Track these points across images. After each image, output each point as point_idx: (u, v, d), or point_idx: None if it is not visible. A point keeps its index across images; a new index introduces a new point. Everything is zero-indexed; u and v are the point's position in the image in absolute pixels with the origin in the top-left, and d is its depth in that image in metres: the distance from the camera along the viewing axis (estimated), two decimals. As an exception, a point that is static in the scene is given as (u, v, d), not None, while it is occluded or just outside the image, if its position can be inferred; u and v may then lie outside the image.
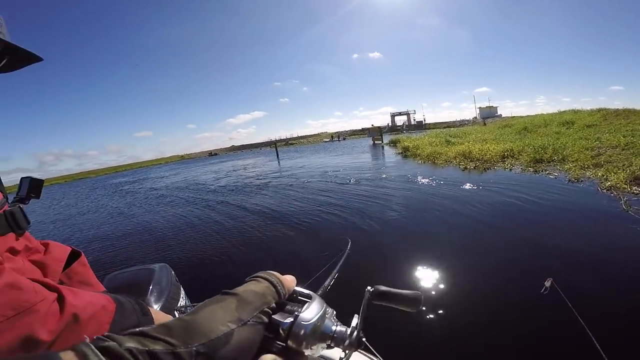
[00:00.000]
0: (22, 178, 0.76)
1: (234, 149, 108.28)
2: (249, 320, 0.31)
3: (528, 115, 28.80)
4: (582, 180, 5.84)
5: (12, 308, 0.43)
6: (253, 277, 0.37)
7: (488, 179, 6.99)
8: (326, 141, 55.96)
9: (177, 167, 37.67)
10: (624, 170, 5.59)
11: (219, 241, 4.97)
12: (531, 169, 7.37)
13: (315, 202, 6.69)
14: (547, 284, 2.57)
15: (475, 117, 54.02)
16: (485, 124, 30.71)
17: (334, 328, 0.38)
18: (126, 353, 0.23)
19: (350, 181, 8.88)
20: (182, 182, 16.38)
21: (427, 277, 2.99)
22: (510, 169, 7.80)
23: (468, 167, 8.79)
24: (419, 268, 3.17)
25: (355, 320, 0.41)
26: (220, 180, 14.32)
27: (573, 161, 7.24)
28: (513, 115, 39.82)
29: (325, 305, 0.39)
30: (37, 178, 0.76)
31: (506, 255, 3.33)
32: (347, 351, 0.39)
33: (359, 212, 5.52)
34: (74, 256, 0.74)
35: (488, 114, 51.36)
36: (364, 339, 0.40)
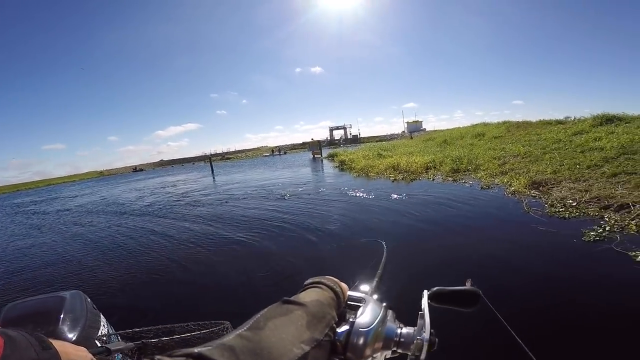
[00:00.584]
0: None
1: (163, 164, 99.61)
2: (322, 340, 0.26)
3: (448, 129, 32.13)
4: (491, 187, 6.51)
5: None
6: (315, 283, 0.33)
7: (414, 189, 7.43)
8: (266, 155, 55.30)
9: (95, 185, 33.33)
10: (523, 176, 6.39)
11: (142, 266, 4.43)
12: (450, 179, 8.04)
13: (249, 219, 6.34)
14: (468, 284, 2.70)
15: (404, 131, 58.59)
16: (412, 138, 33.35)
17: (398, 331, 0.33)
18: None
19: (287, 196, 8.68)
20: (100, 202, 14.47)
21: (354, 281, 2.92)
22: (433, 179, 8.43)
23: (397, 178, 9.28)
24: (349, 271, 3.09)
25: (421, 320, 0.36)
26: (144, 199, 12.94)
27: (484, 170, 8.10)
28: (435, 129, 44.19)
29: (383, 306, 0.34)
30: None
31: (429, 257, 3.50)
32: (417, 354, 0.32)
33: (298, 224, 5.37)
34: None
35: (414, 128, 56.15)
36: (436, 340, 0.34)
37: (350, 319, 0.31)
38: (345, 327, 0.30)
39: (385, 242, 0.90)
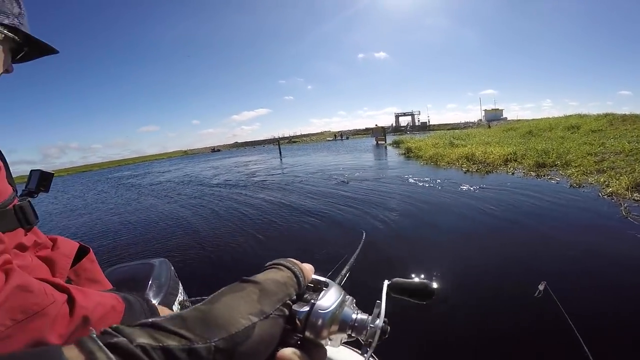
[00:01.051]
0: (31, 171, 0.74)
1: (237, 145, 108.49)
2: (271, 313, 0.28)
3: (534, 119, 28.59)
4: (583, 186, 5.82)
5: (22, 312, 0.41)
6: (273, 264, 0.34)
7: (490, 182, 6.98)
8: (329, 140, 56.06)
9: (180, 162, 37.87)
10: (626, 176, 5.56)
11: (220, 236, 5.00)
12: (533, 173, 7.35)
13: (315, 200, 6.72)
14: (541, 287, 2.59)
15: (480, 120, 53.87)
16: (489, 127, 30.53)
17: (354, 316, 0.35)
18: (138, 350, 0.20)
19: (348, 181, 8.88)
20: (185, 177, 16.51)
21: (427, 273, 3.01)
22: (513, 173, 7.78)
23: (470, 169, 8.77)
24: (421, 263, 3.20)
25: (377, 308, 0.38)
26: (222, 176, 14.40)
27: (576, 166, 7.20)
28: (519, 119, 39.66)
29: (343, 292, 0.36)
30: (46, 171, 0.74)
31: (504, 257, 3.37)
32: (370, 340, 0.35)
33: (359, 208, 5.55)
34: (82, 252, 0.72)
35: (493, 117, 51.22)
36: (389, 328, 0.36)
37: (312, 301, 0.33)
38: (306, 308, 0.32)
39: (365, 232, 0.91)
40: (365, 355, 0.35)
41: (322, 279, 0.37)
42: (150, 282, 1.20)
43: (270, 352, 0.28)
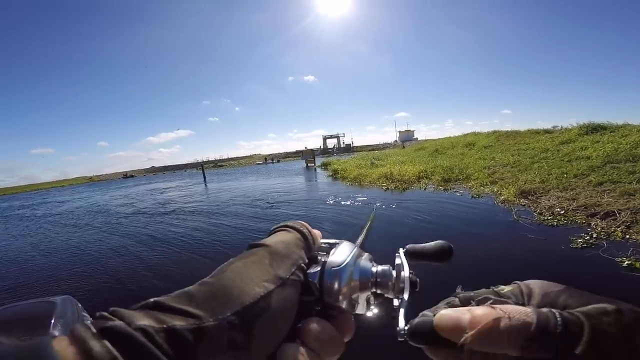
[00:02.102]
0: None
1: (154, 170, 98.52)
2: (288, 278, 0.25)
3: (439, 138, 32.56)
4: (482, 196, 6.60)
5: None
6: (281, 226, 0.31)
7: (406, 198, 7.50)
8: (259, 163, 55.27)
9: (84, 190, 32.72)
10: (513, 185, 6.51)
11: (133, 270, 4.44)
12: (442, 188, 8.15)
13: (239, 229, 6.31)
14: (458, 290, 2.73)
15: (396, 140, 59.43)
16: (404, 147, 33.69)
17: (374, 269, 0.31)
18: (138, 334, 0.17)
19: (279, 206, 8.68)
20: (91, 207, 14.34)
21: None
22: (425, 188, 8.52)
23: (390, 187, 9.35)
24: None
25: (398, 259, 0.34)
26: (135, 205, 12.79)
27: (474, 179, 8.22)
28: (427, 139, 44.84)
29: (356, 246, 0.32)
30: None
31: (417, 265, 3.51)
32: (399, 296, 0.30)
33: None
34: None
35: (406, 138, 57.10)
36: (418, 280, 0.32)
37: (323, 259, 0.29)
38: (317, 268, 0.28)
39: (375, 205, 0.88)
40: (399, 313, 0.29)
41: (332, 240, 0.33)
42: (52, 321, 1.07)
43: (289, 326, 0.25)
